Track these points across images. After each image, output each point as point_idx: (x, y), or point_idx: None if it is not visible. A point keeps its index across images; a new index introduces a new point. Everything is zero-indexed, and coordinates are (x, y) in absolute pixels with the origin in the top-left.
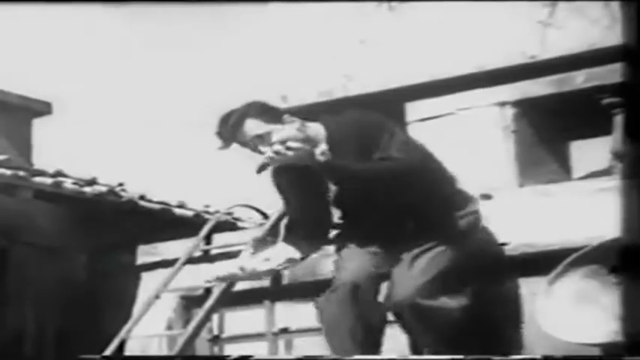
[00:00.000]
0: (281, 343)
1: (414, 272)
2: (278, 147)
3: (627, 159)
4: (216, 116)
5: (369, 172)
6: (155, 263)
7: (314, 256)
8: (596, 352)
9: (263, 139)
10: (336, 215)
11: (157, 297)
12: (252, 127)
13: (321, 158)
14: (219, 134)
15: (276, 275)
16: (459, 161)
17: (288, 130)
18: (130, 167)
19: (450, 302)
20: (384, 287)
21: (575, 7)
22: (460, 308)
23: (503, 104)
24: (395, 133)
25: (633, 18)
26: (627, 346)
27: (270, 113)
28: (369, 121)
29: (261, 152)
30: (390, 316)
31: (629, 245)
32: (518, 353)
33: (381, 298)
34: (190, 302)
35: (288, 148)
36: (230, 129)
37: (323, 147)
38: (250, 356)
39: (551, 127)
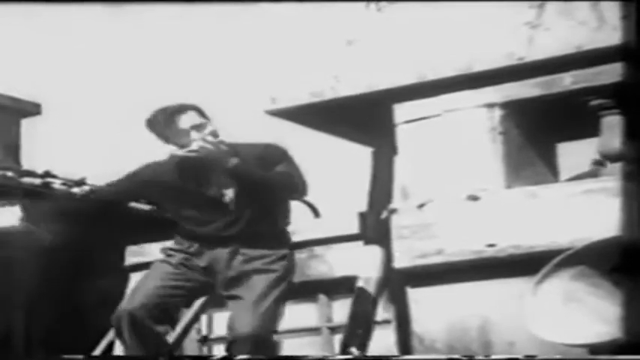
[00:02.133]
0: None
1: (252, 300)
2: (211, 138)
3: (627, 159)
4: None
5: (270, 178)
6: (143, 264)
7: (300, 256)
8: (582, 352)
9: (199, 128)
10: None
11: None
12: (190, 118)
13: (234, 160)
14: (152, 125)
15: None
16: (447, 162)
17: (212, 128)
18: (119, 168)
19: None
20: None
21: (562, 8)
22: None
23: (490, 106)
24: (293, 163)
25: (633, 18)
26: (626, 346)
27: (201, 111)
28: (272, 153)
29: (179, 145)
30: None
31: (629, 245)
32: None
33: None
34: None
35: (221, 142)
36: (167, 117)
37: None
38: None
39: (538, 129)
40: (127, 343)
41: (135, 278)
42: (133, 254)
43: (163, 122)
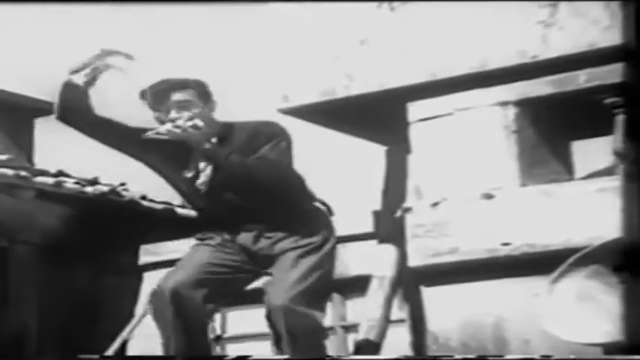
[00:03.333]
0: None
1: (293, 276)
2: (182, 122)
3: (627, 159)
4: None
5: (242, 165)
6: (157, 263)
7: None
8: (597, 352)
9: (182, 106)
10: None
11: None
12: (182, 95)
13: (207, 145)
14: (145, 95)
15: None
16: (461, 161)
17: (199, 111)
18: (131, 167)
19: (317, 314)
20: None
21: (576, 7)
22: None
23: (504, 104)
24: (280, 143)
25: (633, 18)
26: (628, 346)
27: (205, 92)
28: (265, 130)
29: (161, 122)
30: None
31: (630, 245)
32: None
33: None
34: None
35: (194, 126)
36: (165, 87)
37: (213, 139)
38: (250, 356)
39: (552, 127)
40: (168, 323)
41: (149, 277)
42: (147, 253)
43: (156, 95)
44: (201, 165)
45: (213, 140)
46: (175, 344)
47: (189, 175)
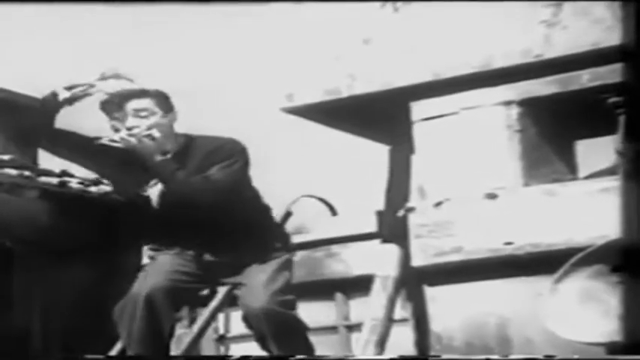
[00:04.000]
0: None
1: (263, 278)
2: (138, 131)
3: (627, 158)
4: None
5: (186, 185)
6: None
7: (317, 255)
8: (600, 351)
9: (141, 114)
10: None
11: None
12: (140, 103)
13: (158, 158)
14: (104, 106)
15: None
16: (464, 160)
17: (157, 121)
18: None
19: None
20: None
21: (579, 6)
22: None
23: (508, 103)
24: (234, 164)
25: (632, 18)
26: (627, 346)
27: (165, 103)
28: (224, 148)
29: (116, 130)
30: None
31: (630, 245)
32: None
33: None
34: None
35: (149, 136)
36: (122, 95)
37: (169, 153)
38: (253, 356)
39: (556, 127)
40: (137, 330)
41: None
42: None
43: (113, 103)
44: (152, 181)
45: (169, 155)
46: (139, 347)
47: (142, 192)
